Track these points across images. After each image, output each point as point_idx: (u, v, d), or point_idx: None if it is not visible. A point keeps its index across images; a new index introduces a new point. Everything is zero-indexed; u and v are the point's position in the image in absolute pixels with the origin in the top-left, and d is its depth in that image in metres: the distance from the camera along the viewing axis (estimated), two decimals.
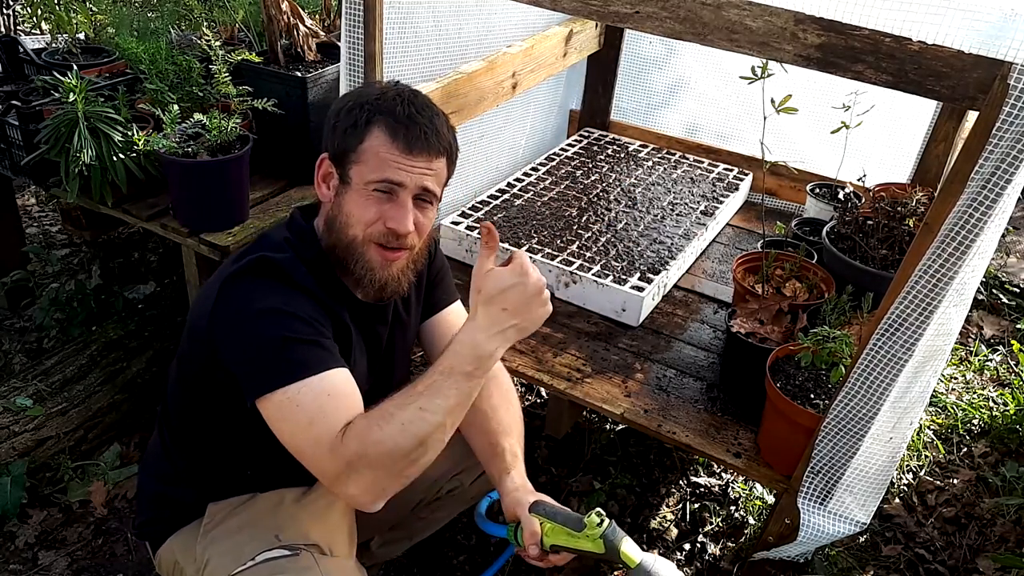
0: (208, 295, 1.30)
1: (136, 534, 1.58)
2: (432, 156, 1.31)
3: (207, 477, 1.45)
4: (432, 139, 1.31)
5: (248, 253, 1.32)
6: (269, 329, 1.21)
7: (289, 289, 1.27)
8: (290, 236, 1.37)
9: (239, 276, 1.27)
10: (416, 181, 1.30)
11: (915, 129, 2.48)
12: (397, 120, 1.29)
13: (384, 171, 1.29)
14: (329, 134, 1.34)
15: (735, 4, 1.34)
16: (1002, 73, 1.16)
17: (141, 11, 2.71)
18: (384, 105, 1.30)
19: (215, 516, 1.43)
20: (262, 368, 1.20)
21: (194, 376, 1.38)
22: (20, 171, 2.35)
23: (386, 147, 1.29)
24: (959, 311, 1.45)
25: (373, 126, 1.29)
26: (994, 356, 2.92)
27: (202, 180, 2.13)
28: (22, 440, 2.13)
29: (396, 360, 1.55)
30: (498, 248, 1.25)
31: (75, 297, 2.61)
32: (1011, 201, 1.25)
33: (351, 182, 1.31)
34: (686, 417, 1.84)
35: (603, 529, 1.27)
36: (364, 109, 1.30)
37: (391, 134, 1.29)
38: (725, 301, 2.26)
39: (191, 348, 1.37)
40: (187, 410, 1.45)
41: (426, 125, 1.31)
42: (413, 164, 1.30)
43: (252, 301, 1.24)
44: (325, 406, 1.18)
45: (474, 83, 2.29)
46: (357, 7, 1.75)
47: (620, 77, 3.02)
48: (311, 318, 1.26)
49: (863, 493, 1.64)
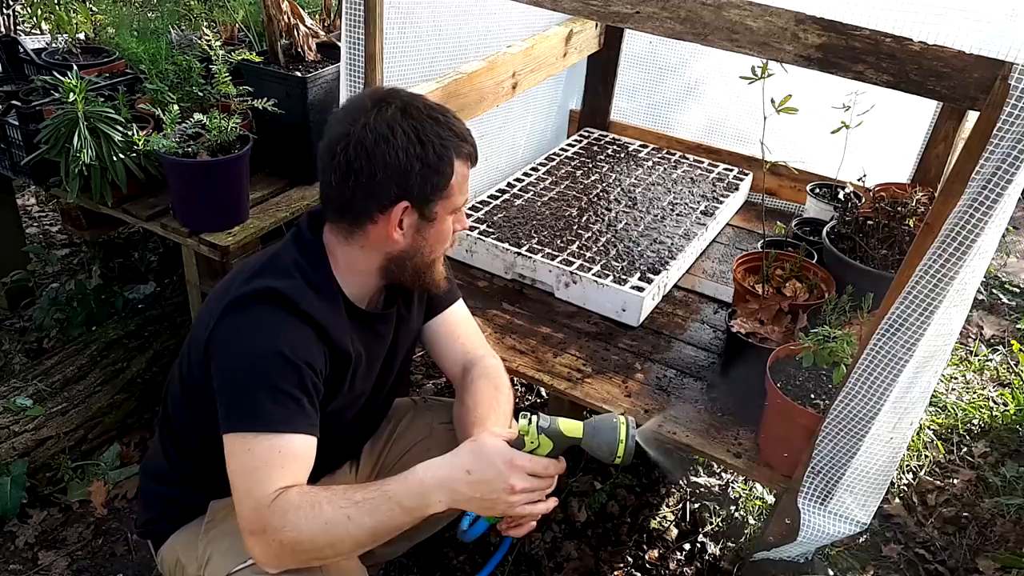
0: (212, 311, 1.30)
1: (139, 533, 1.58)
2: None
3: (209, 480, 1.45)
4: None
5: (258, 275, 1.31)
6: (256, 369, 1.23)
7: (292, 319, 1.27)
8: (299, 258, 1.35)
9: (243, 303, 1.27)
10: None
11: (915, 129, 2.48)
12: (467, 142, 1.32)
13: (465, 193, 1.36)
14: (406, 184, 1.27)
15: (736, 4, 1.34)
16: (1003, 73, 1.16)
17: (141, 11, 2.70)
18: (453, 136, 1.30)
19: (217, 514, 1.44)
20: (236, 406, 1.23)
21: (195, 386, 1.38)
22: (20, 171, 2.35)
23: (463, 173, 1.33)
24: (959, 311, 1.45)
25: (456, 160, 1.31)
26: (994, 356, 2.92)
27: (202, 180, 2.13)
28: (22, 440, 2.13)
29: (397, 357, 1.56)
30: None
31: (75, 297, 2.61)
32: (1012, 201, 1.25)
33: (436, 216, 1.33)
34: (686, 417, 1.84)
35: (534, 426, 1.31)
36: (446, 148, 1.29)
37: (467, 159, 1.33)
38: (725, 301, 2.26)
39: (191, 359, 1.38)
40: (188, 417, 1.45)
41: (471, 134, 1.34)
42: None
43: (248, 335, 1.26)
44: (271, 462, 1.21)
45: (474, 83, 2.28)
46: (357, 7, 1.75)
47: (620, 77, 3.02)
48: (305, 362, 1.26)
49: (863, 493, 1.64)
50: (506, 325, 2.11)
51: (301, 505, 1.19)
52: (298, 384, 1.25)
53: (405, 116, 1.27)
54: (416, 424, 1.71)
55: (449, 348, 1.60)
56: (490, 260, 2.31)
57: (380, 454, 1.70)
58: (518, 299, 2.23)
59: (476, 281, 2.30)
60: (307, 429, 1.25)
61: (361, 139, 1.25)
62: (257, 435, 1.21)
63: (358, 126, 1.26)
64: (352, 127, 1.26)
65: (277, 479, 1.20)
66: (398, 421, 1.73)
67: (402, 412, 1.74)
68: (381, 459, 1.70)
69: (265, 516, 1.18)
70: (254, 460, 1.21)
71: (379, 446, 1.71)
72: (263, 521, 1.18)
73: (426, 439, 1.66)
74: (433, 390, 2.62)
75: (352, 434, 1.61)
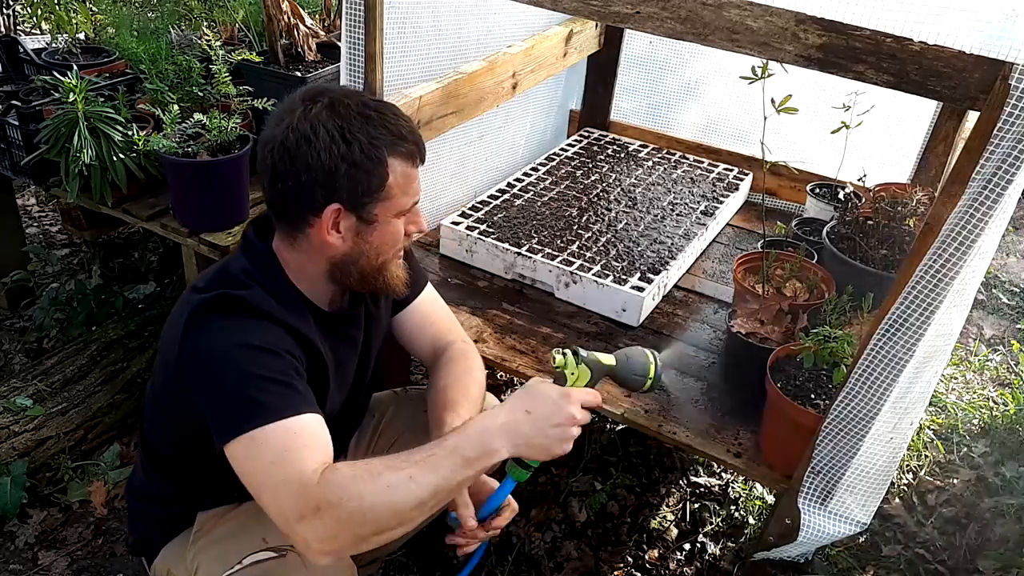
0: (174, 327, 1.25)
1: (131, 551, 1.58)
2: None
3: (193, 495, 1.44)
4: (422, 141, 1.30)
5: (209, 288, 1.25)
6: (238, 368, 1.16)
7: (259, 321, 1.22)
8: (249, 267, 1.29)
9: (203, 313, 1.20)
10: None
11: (915, 129, 2.48)
12: (407, 141, 1.26)
13: (411, 195, 1.29)
14: (334, 186, 1.22)
15: (736, 4, 1.34)
16: (1003, 73, 1.16)
17: (141, 11, 2.71)
18: (387, 134, 1.23)
19: (204, 524, 1.43)
20: (229, 412, 1.16)
21: (168, 406, 1.34)
22: (20, 171, 2.35)
23: (407, 174, 1.27)
24: (960, 311, 1.45)
25: (392, 160, 1.24)
26: (994, 356, 2.92)
27: (202, 180, 2.12)
28: (22, 440, 2.13)
29: (371, 355, 1.54)
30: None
31: (75, 297, 2.61)
32: (1012, 201, 1.25)
33: (377, 219, 1.27)
34: (686, 417, 1.84)
35: (571, 357, 1.29)
36: (376, 146, 1.22)
37: (409, 159, 1.27)
38: (725, 301, 2.26)
39: (164, 379, 1.33)
40: (166, 436, 1.41)
41: (416, 131, 1.28)
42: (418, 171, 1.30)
43: (219, 339, 1.19)
44: (293, 445, 1.13)
45: (474, 83, 2.29)
46: (357, 7, 1.75)
47: (620, 77, 3.02)
48: (284, 350, 1.21)
49: (863, 493, 1.64)
50: (506, 325, 2.11)
51: (356, 475, 1.10)
52: (283, 370, 1.19)
53: (332, 114, 1.21)
54: (401, 414, 1.71)
55: (420, 335, 1.59)
56: (490, 260, 2.31)
57: (367, 450, 1.69)
58: (518, 299, 2.23)
59: (476, 281, 2.30)
60: (310, 408, 1.18)
61: (283, 141, 1.21)
62: (264, 428, 1.13)
63: (282, 127, 1.21)
64: (277, 129, 1.22)
65: (309, 457, 1.12)
66: (382, 415, 1.72)
67: (385, 405, 1.74)
68: (370, 452, 1.69)
69: (316, 494, 1.08)
70: (273, 452, 1.12)
71: (364, 442, 1.70)
72: (316, 501, 1.08)
73: (412, 429, 1.65)
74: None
75: (334, 435, 1.60)
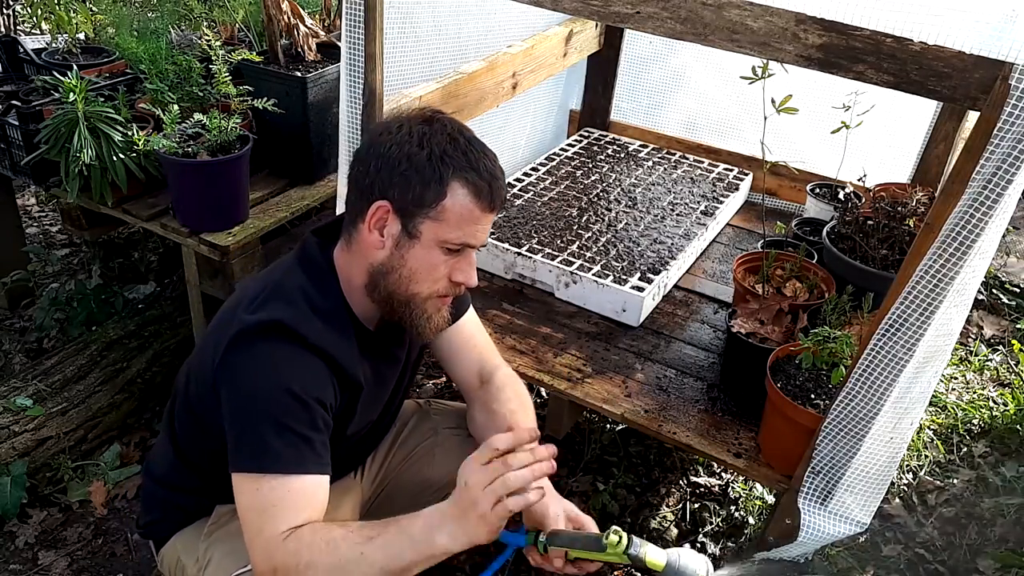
0: (217, 341, 1.26)
1: (140, 533, 1.58)
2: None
3: (214, 490, 1.44)
4: (505, 193, 1.27)
5: (262, 304, 1.25)
6: (264, 410, 1.19)
7: (300, 352, 1.23)
8: (305, 283, 1.29)
9: (250, 338, 1.22)
10: (485, 237, 1.27)
11: (915, 129, 2.48)
12: (481, 178, 1.21)
13: (465, 233, 1.23)
14: (390, 181, 1.21)
15: (736, 4, 1.34)
16: (1003, 74, 1.16)
17: (141, 11, 2.70)
18: (463, 159, 1.21)
19: (221, 517, 1.44)
20: (245, 444, 1.20)
21: (204, 410, 1.35)
22: (20, 171, 2.35)
23: (469, 208, 1.21)
24: (960, 311, 1.45)
25: (456, 183, 1.20)
26: (994, 356, 2.92)
27: (202, 180, 2.13)
28: (22, 440, 2.13)
29: (407, 373, 1.55)
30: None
31: (75, 297, 2.61)
32: (1012, 201, 1.25)
33: (420, 237, 1.23)
34: (686, 417, 1.84)
35: (623, 547, 1.25)
36: (444, 163, 1.19)
37: (475, 194, 1.21)
38: (725, 301, 2.26)
39: (198, 391, 1.34)
40: (196, 436, 1.42)
41: (502, 179, 1.24)
42: (489, 221, 1.25)
43: (257, 373, 1.21)
44: (281, 503, 1.17)
45: (474, 83, 2.28)
46: (357, 7, 1.75)
47: (620, 77, 3.02)
48: (314, 398, 1.22)
49: (864, 493, 1.64)
50: (506, 325, 2.11)
51: (315, 543, 1.15)
52: (308, 423, 1.21)
53: (425, 124, 1.22)
54: (421, 428, 1.70)
55: (464, 357, 1.56)
56: (490, 260, 2.31)
57: (385, 458, 1.69)
58: (518, 299, 2.23)
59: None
60: (318, 469, 1.21)
61: (377, 132, 1.25)
62: (266, 475, 1.17)
63: (386, 122, 1.25)
64: (384, 125, 1.26)
65: (289, 519, 1.16)
66: (403, 424, 1.71)
67: (407, 415, 1.73)
68: (386, 463, 1.69)
69: (278, 556, 1.15)
70: (264, 501, 1.17)
71: (384, 450, 1.70)
72: (275, 561, 1.15)
73: (431, 443, 1.65)
74: (433, 390, 2.62)
75: (361, 449, 1.61)
